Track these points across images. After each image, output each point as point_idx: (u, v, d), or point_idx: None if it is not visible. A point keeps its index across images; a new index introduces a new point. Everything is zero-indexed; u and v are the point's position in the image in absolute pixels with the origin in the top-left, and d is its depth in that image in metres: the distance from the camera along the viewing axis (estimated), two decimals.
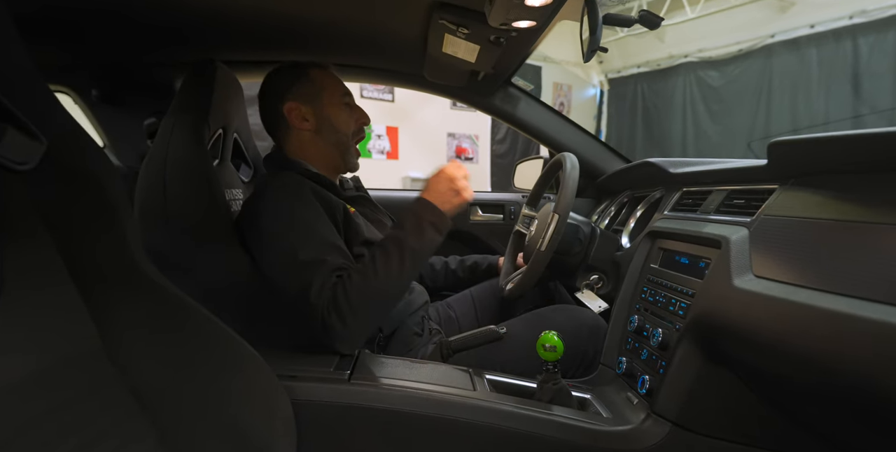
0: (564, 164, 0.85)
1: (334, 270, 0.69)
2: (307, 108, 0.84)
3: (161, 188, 0.69)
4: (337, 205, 0.78)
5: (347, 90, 0.89)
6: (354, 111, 0.88)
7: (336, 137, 0.86)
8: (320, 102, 0.85)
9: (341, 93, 0.87)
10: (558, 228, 0.78)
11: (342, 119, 0.86)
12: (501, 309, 1.05)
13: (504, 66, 1.03)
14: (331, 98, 0.85)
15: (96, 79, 0.95)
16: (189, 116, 0.74)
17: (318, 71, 0.86)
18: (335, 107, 0.86)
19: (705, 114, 5.66)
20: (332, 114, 0.85)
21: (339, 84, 0.88)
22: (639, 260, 0.75)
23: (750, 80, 5.21)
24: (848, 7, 4.49)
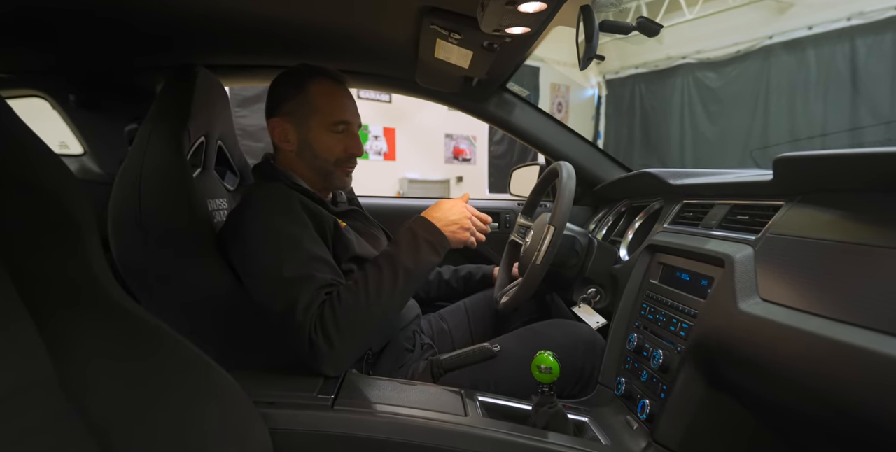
0: (560, 174, 0.82)
1: (323, 287, 0.65)
2: (292, 128, 0.78)
3: (136, 199, 0.66)
4: (326, 218, 0.75)
5: (346, 116, 0.79)
6: (346, 139, 0.79)
7: (316, 163, 0.80)
8: (307, 125, 0.78)
9: (334, 121, 0.77)
10: (554, 241, 0.76)
11: (326, 145, 0.78)
12: (496, 322, 1.02)
13: (498, 72, 1.00)
14: (321, 122, 0.77)
15: (74, 84, 0.92)
16: (167, 123, 0.71)
17: (321, 87, 0.78)
18: (322, 133, 0.78)
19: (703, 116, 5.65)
20: (316, 140, 0.78)
21: (337, 107, 0.78)
22: (638, 274, 0.72)
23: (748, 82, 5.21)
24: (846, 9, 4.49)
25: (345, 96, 0.80)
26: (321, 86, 0.78)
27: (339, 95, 0.79)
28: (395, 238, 0.72)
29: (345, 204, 0.92)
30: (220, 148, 0.94)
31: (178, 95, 0.75)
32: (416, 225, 0.72)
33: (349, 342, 0.63)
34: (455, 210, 0.74)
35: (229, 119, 0.97)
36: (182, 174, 0.70)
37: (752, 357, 0.44)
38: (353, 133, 0.81)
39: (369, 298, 0.64)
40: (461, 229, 0.74)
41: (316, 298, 0.64)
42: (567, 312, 1.04)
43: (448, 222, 0.73)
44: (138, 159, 0.68)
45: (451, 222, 0.74)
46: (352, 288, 0.65)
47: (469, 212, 0.75)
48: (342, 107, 0.79)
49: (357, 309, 0.63)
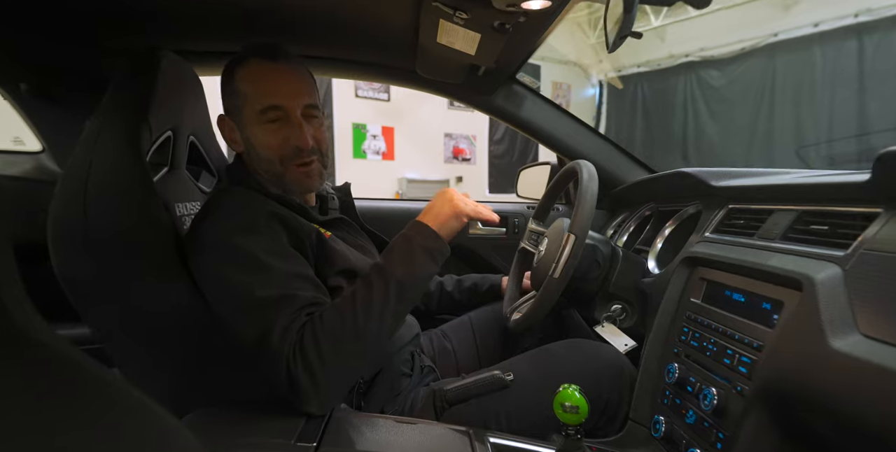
0: (581, 175, 0.72)
1: (303, 307, 0.55)
2: (234, 127, 0.67)
3: (81, 205, 0.55)
4: (305, 228, 0.64)
5: (275, 99, 0.63)
6: (283, 128, 0.64)
7: (262, 165, 0.66)
8: (242, 120, 0.65)
9: (261, 108, 0.63)
10: (574, 251, 0.65)
11: (260, 140, 0.64)
12: (504, 339, 0.91)
13: (508, 60, 0.89)
14: (250, 114, 0.64)
15: (24, 71, 0.80)
16: (122, 115, 0.60)
17: (247, 70, 0.63)
18: (255, 127, 0.64)
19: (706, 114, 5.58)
20: (252, 136, 0.65)
21: (263, 90, 0.63)
22: (674, 291, 0.62)
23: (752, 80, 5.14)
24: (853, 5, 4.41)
25: (276, 75, 0.64)
26: (247, 69, 0.64)
27: (267, 76, 0.64)
28: (387, 248, 0.61)
29: (336, 211, 0.81)
30: (193, 144, 0.83)
31: (138, 83, 0.64)
32: (411, 230, 0.62)
33: (335, 373, 0.53)
34: (445, 201, 0.64)
35: (204, 111, 0.86)
36: (138, 174, 0.59)
37: (854, 408, 0.34)
38: (293, 118, 0.64)
39: (357, 318, 0.53)
40: (454, 217, 0.63)
41: (295, 321, 0.53)
42: (586, 329, 0.94)
43: (444, 218, 0.63)
44: (85, 157, 0.57)
45: (447, 217, 0.63)
46: (336, 307, 0.55)
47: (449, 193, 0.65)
48: (270, 89, 0.63)
49: (343, 331, 0.53)
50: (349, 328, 0.53)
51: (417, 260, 0.59)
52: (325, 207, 0.80)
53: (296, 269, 0.59)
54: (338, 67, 0.98)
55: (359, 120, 4.73)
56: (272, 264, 0.57)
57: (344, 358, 0.53)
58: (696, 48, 5.54)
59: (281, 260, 0.58)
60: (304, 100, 0.65)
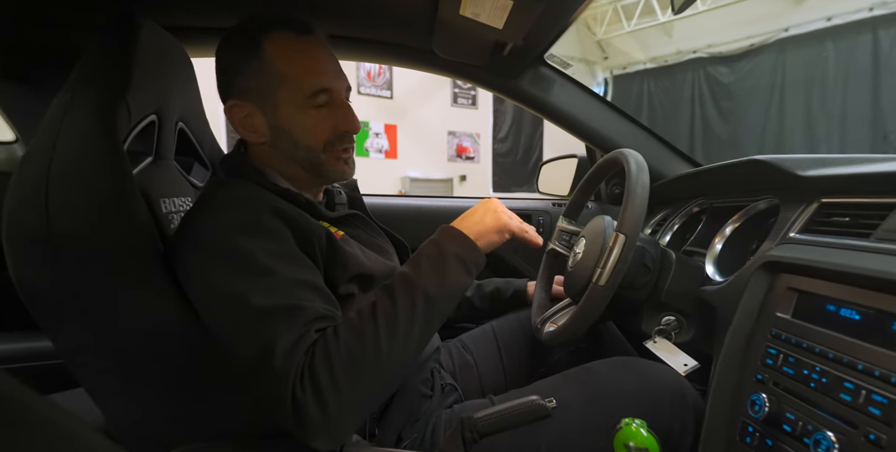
0: (628, 166, 0.62)
1: (314, 320, 0.45)
2: (256, 112, 0.56)
3: (42, 199, 0.45)
4: (314, 228, 0.54)
5: (326, 81, 0.55)
6: (332, 113, 0.56)
7: (299, 154, 0.58)
8: (273, 104, 0.55)
9: (312, 90, 0.54)
10: (624, 255, 0.55)
11: (306, 127, 0.56)
12: (532, 352, 0.81)
13: (538, 37, 0.79)
14: (292, 97, 0.55)
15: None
16: (94, 91, 0.50)
17: (280, 44, 0.54)
18: (297, 112, 0.55)
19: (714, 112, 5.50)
20: (291, 122, 0.56)
21: (310, 69, 0.55)
22: (751, 303, 0.51)
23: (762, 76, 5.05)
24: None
25: (317, 51, 0.56)
26: (280, 42, 0.54)
27: (308, 51, 0.55)
28: (415, 254, 0.53)
29: (344, 206, 0.71)
30: (183, 132, 0.73)
31: (113, 55, 0.54)
32: (444, 236, 0.54)
33: (350, 402, 0.43)
34: (489, 211, 0.57)
35: (196, 96, 0.76)
36: (112, 163, 0.49)
37: None
38: (340, 102, 0.58)
39: (378, 337, 0.45)
40: (496, 229, 0.56)
41: (303, 338, 0.44)
42: (623, 342, 0.83)
43: (484, 229, 0.55)
44: (48, 141, 0.47)
45: (487, 228, 0.56)
46: (353, 323, 0.45)
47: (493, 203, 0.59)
48: (317, 68, 0.55)
49: (362, 353, 0.43)
50: (369, 349, 0.44)
51: (450, 270, 0.51)
52: (331, 203, 0.70)
53: (303, 276, 0.49)
54: (347, 47, 0.87)
55: (361, 117, 4.63)
56: (276, 268, 0.47)
57: (362, 384, 0.43)
58: (703, 44, 5.46)
59: (286, 264, 0.48)
60: (346, 81, 0.59)
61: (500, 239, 0.57)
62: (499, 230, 0.56)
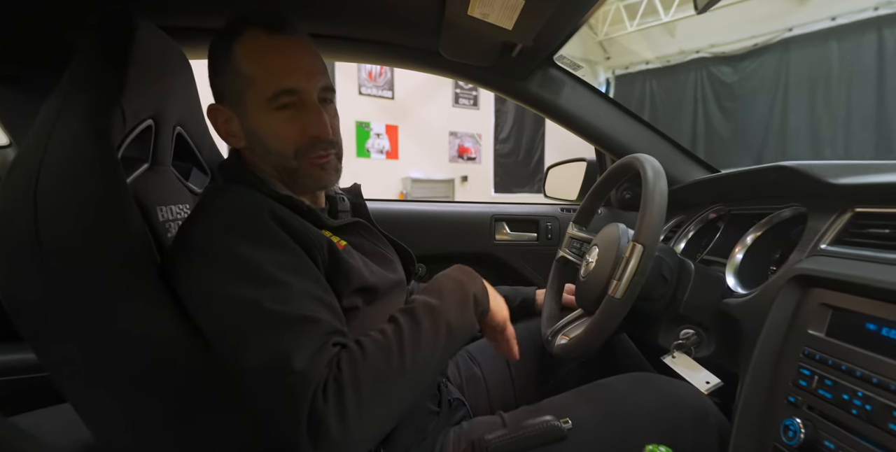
0: (644, 172, 0.59)
1: (330, 334, 0.43)
2: (233, 116, 0.54)
3: (30, 206, 0.43)
4: (315, 238, 0.51)
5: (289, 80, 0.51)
6: (299, 115, 0.52)
7: (272, 159, 0.54)
8: (244, 105, 0.52)
9: (273, 92, 0.51)
10: (642, 266, 0.53)
11: (272, 132, 0.52)
12: (541, 364, 0.79)
13: (548, 38, 0.76)
14: (257, 99, 0.51)
15: None
16: (86, 95, 0.48)
17: (248, 44, 0.51)
18: (263, 115, 0.52)
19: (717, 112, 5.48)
20: (259, 126, 0.53)
21: (273, 68, 0.51)
22: (780, 318, 0.49)
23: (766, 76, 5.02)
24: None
25: (286, 50, 0.52)
26: (249, 43, 0.51)
27: (277, 51, 0.51)
28: (433, 285, 0.54)
29: (347, 214, 0.68)
30: (181, 137, 0.70)
31: (107, 57, 0.51)
32: (466, 276, 0.56)
33: (371, 420, 0.41)
34: None
35: (195, 98, 0.73)
36: (105, 170, 0.46)
37: None
38: (309, 103, 0.52)
39: (404, 358, 0.44)
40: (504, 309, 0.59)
41: (324, 349, 0.41)
42: (637, 354, 0.81)
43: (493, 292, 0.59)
44: (38, 146, 0.45)
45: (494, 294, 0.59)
46: (380, 341, 0.45)
47: None
48: (283, 68, 0.51)
49: (388, 372, 0.43)
50: (395, 369, 0.43)
51: (470, 308, 0.52)
52: (334, 210, 0.67)
53: (314, 289, 0.46)
54: (348, 48, 0.84)
55: (362, 118, 4.63)
56: (286, 279, 0.44)
57: (385, 402, 0.42)
58: (706, 44, 5.44)
59: (296, 276, 0.46)
60: (320, 81, 0.53)
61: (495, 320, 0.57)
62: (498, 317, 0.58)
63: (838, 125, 4.56)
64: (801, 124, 4.82)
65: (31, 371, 0.77)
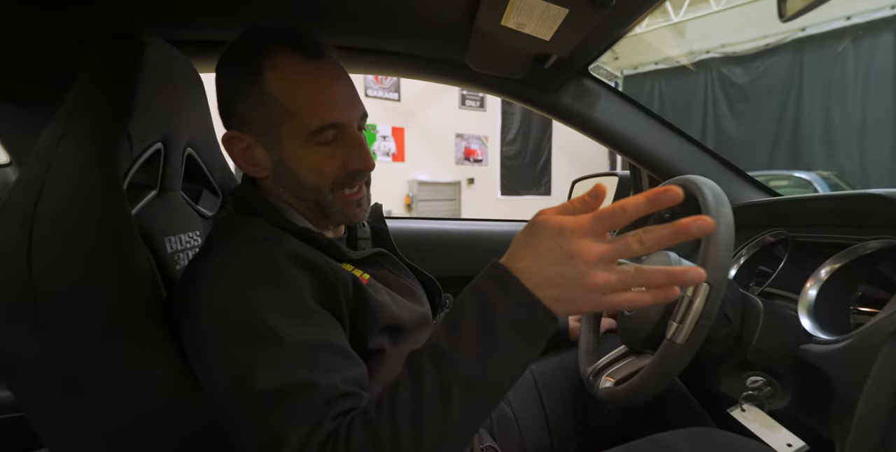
0: (703, 198, 0.53)
1: (328, 404, 0.36)
2: (257, 145, 0.48)
3: (24, 242, 0.37)
4: (338, 275, 0.45)
5: (334, 115, 0.46)
6: (341, 149, 0.48)
7: (303, 193, 0.49)
8: (276, 136, 0.47)
9: (317, 126, 0.46)
10: (709, 309, 0.47)
11: (311, 165, 0.47)
12: (580, 402, 0.72)
13: (586, 49, 0.70)
14: (295, 132, 0.46)
15: None
16: (90, 120, 0.42)
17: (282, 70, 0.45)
18: (301, 149, 0.47)
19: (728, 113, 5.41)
20: (294, 160, 0.47)
21: (317, 101, 0.46)
22: (887, 377, 0.42)
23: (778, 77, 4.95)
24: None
25: (327, 79, 0.47)
26: (282, 69, 0.45)
27: (316, 80, 0.46)
28: (453, 308, 0.37)
29: (367, 242, 0.62)
30: (192, 158, 0.64)
31: (113, 77, 0.46)
32: (487, 282, 0.35)
33: None
34: (560, 245, 0.32)
35: (206, 115, 0.67)
36: (109, 202, 0.41)
37: None
38: (352, 136, 0.48)
39: (398, 443, 0.33)
40: (582, 287, 0.32)
41: (316, 432, 0.34)
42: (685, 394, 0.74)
43: (546, 276, 0.32)
44: (37, 176, 0.40)
45: (554, 276, 0.32)
46: (370, 419, 0.35)
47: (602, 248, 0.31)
48: (327, 100, 0.46)
49: None
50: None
51: (500, 341, 0.33)
52: (353, 238, 0.61)
53: (319, 337, 0.40)
54: (372, 61, 0.79)
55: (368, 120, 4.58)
56: (285, 331, 0.38)
57: None
58: (717, 44, 5.37)
59: (299, 324, 0.40)
60: (359, 110, 0.49)
61: (589, 306, 0.33)
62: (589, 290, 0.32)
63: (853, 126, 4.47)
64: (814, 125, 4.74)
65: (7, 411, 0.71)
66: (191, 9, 0.62)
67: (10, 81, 0.65)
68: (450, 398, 0.33)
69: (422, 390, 0.34)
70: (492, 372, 0.34)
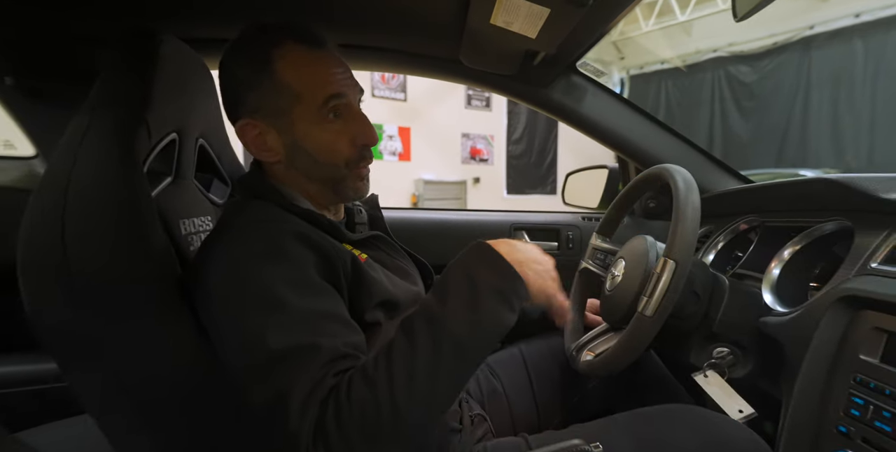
0: (675, 184, 0.57)
1: (331, 362, 0.41)
2: (270, 131, 0.53)
3: (58, 226, 0.43)
4: (339, 253, 0.50)
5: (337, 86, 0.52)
6: (348, 125, 0.53)
7: (320, 171, 0.54)
8: (289, 120, 0.52)
9: (324, 98, 0.51)
10: (675, 283, 0.51)
11: (323, 143, 0.52)
12: (566, 379, 0.76)
13: (572, 46, 0.75)
14: (307, 111, 0.51)
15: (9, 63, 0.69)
16: (112, 113, 0.47)
17: (294, 58, 0.51)
18: (313, 127, 0.52)
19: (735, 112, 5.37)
20: (308, 138, 0.52)
21: (320, 78, 0.52)
22: (827, 342, 0.46)
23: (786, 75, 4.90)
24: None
25: (330, 63, 0.53)
26: (291, 57, 0.51)
27: (321, 64, 0.52)
28: (441, 279, 0.45)
29: (364, 226, 0.67)
30: (203, 148, 0.70)
31: (132, 73, 0.51)
32: (474, 257, 0.44)
33: None
34: (534, 253, 0.49)
35: (216, 110, 0.73)
36: (133, 189, 0.46)
37: None
38: (356, 112, 0.54)
39: (395, 395, 0.38)
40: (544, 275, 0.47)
41: (319, 386, 0.39)
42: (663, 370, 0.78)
43: (523, 259, 0.46)
44: (65, 166, 0.45)
45: (531, 262, 0.47)
46: (367, 374, 0.39)
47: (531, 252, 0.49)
48: (326, 78, 0.52)
49: (377, 413, 0.38)
50: (385, 409, 0.37)
51: (485, 306, 0.41)
52: (351, 223, 0.66)
53: (322, 306, 0.45)
54: (369, 58, 0.84)
55: (375, 120, 4.65)
56: (292, 301, 0.43)
57: (377, 446, 0.38)
58: (724, 43, 5.33)
59: (304, 295, 0.44)
60: (358, 89, 0.56)
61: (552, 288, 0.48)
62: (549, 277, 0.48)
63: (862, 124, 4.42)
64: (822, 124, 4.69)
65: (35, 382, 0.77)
66: (199, 9, 0.68)
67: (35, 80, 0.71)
68: (440, 355, 0.39)
69: (415, 348, 0.39)
70: (478, 332, 0.41)
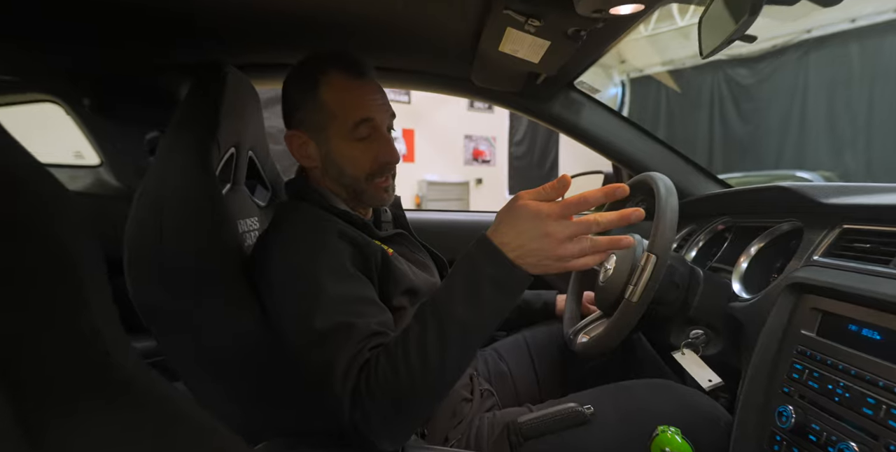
0: (657, 189, 0.67)
1: (365, 339, 0.50)
2: (310, 142, 0.64)
3: (157, 227, 0.53)
4: (372, 248, 0.61)
5: (366, 112, 0.62)
6: (373, 145, 0.63)
7: (344, 181, 0.66)
8: (325, 135, 0.63)
9: (353, 122, 0.62)
10: (655, 274, 0.61)
11: (349, 158, 0.63)
12: (565, 362, 0.87)
13: (571, 68, 0.85)
14: (339, 131, 0.62)
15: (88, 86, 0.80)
16: (192, 134, 0.59)
17: (332, 85, 0.62)
18: (343, 144, 0.63)
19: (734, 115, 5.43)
20: (337, 153, 0.64)
21: (353, 104, 0.62)
22: (777, 321, 0.56)
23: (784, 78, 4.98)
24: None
25: (363, 90, 0.63)
26: (333, 83, 0.62)
27: (358, 91, 0.63)
28: (451, 272, 0.49)
29: (389, 224, 0.78)
30: (252, 160, 0.81)
31: (206, 100, 0.62)
32: (477, 251, 0.46)
33: (396, 423, 0.49)
34: (537, 226, 0.43)
35: (261, 126, 0.84)
36: (211, 195, 0.57)
37: None
38: (382, 134, 0.65)
39: (412, 369, 0.46)
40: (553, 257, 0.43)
41: (357, 357, 0.49)
42: (652, 353, 0.88)
43: (526, 249, 0.44)
44: (158, 178, 0.56)
45: (533, 250, 0.43)
46: (390, 352, 0.48)
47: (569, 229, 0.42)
48: (363, 104, 0.63)
49: (399, 383, 0.46)
50: (404, 380, 0.46)
51: (485, 295, 0.45)
52: (378, 222, 0.77)
53: (357, 292, 0.55)
54: (389, 76, 0.95)
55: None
56: (332, 287, 0.54)
57: (404, 409, 0.48)
58: None
59: (342, 281, 0.55)
60: (389, 113, 0.66)
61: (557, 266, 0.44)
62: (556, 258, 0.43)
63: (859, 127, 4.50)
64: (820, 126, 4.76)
65: None
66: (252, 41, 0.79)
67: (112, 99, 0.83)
68: (446, 335, 0.46)
69: (426, 330, 0.46)
70: (478, 315, 0.46)
